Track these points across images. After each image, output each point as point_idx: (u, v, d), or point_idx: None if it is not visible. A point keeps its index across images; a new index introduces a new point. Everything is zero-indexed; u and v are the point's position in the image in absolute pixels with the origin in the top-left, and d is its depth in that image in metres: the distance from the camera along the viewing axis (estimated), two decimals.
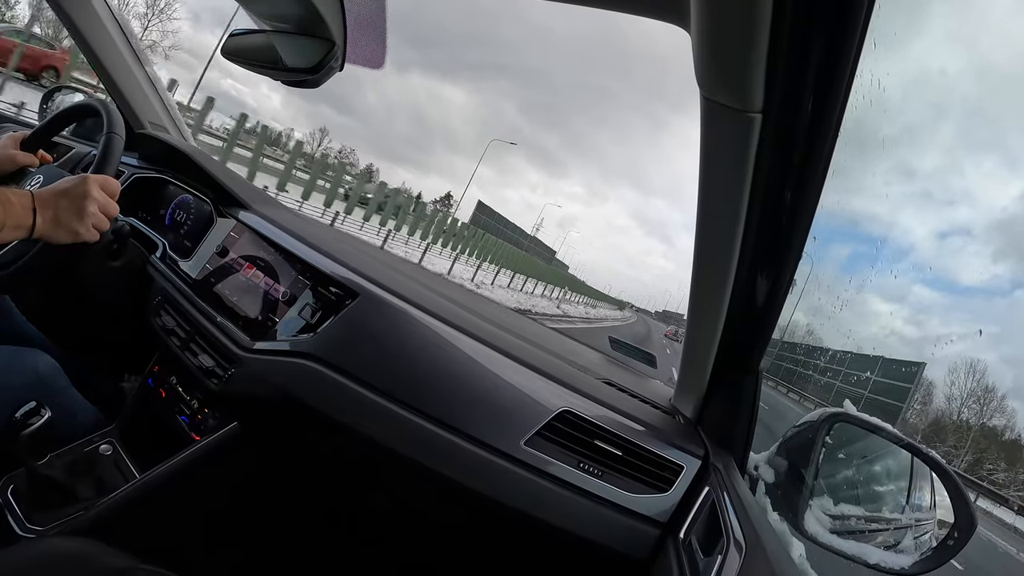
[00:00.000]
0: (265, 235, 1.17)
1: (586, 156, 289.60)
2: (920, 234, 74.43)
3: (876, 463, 0.98)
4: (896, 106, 15.31)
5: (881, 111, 0.62)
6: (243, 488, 1.08)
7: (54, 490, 1.02)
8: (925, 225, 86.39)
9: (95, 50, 1.41)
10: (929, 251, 67.59)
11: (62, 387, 1.13)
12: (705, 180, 0.62)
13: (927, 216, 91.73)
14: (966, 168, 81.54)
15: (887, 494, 1.00)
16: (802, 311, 0.78)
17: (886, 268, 28.68)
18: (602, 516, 0.89)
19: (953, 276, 55.84)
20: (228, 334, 1.05)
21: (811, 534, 0.84)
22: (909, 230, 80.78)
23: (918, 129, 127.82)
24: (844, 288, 6.58)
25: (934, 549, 0.84)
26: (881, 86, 0.56)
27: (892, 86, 0.58)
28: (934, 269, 57.50)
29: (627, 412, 0.97)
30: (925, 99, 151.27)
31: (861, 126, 0.55)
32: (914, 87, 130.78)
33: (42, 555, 0.70)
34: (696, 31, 0.45)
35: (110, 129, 1.11)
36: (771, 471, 0.94)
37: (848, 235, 29.61)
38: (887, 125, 2.60)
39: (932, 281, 57.82)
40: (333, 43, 0.78)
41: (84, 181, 0.95)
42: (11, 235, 0.88)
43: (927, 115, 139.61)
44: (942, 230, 73.49)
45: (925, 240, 72.60)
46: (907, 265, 61.23)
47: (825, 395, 31.43)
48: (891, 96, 0.61)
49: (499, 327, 1.12)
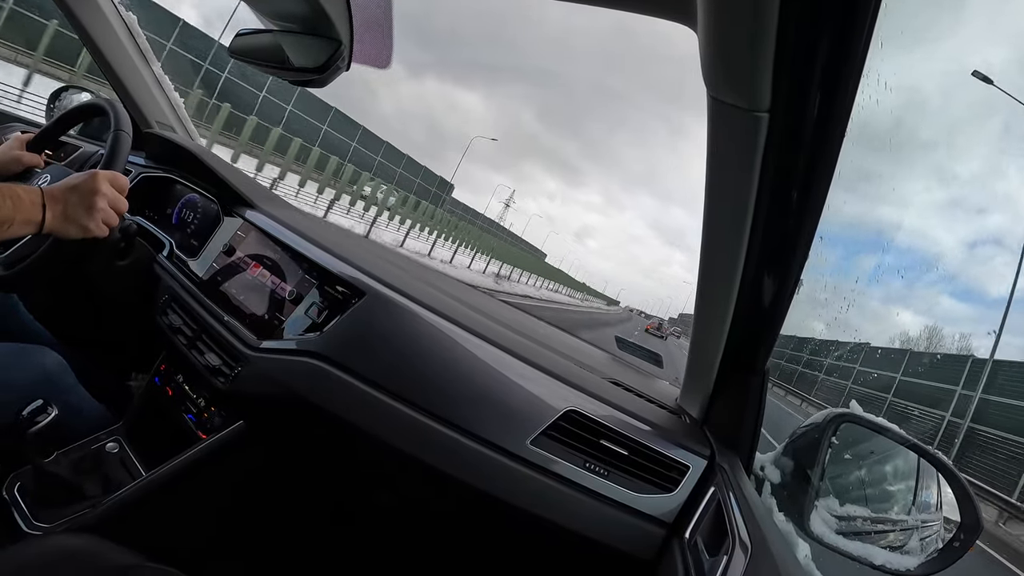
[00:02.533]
0: (272, 234, 1.17)
1: (604, 163, 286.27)
2: (944, 240, 72.74)
3: (882, 464, 0.98)
4: (900, 107, 14.95)
5: (888, 111, 0.61)
6: (249, 486, 1.08)
7: (60, 488, 1.02)
8: (948, 230, 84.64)
9: (102, 49, 1.42)
10: (956, 259, 65.69)
11: (69, 385, 1.14)
12: (712, 180, 0.61)
13: (948, 221, 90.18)
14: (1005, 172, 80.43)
15: (893, 495, 1.00)
16: (808, 311, 0.77)
17: (894, 270, 27.36)
18: (608, 516, 0.89)
19: (981, 286, 53.19)
20: (235, 333, 1.05)
21: (817, 535, 0.84)
22: (921, 233, 79.61)
23: (928, 130, 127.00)
24: (851, 288, 6.52)
25: (940, 550, 0.84)
26: (888, 86, 0.56)
27: (899, 87, 0.58)
28: (962, 278, 53.84)
29: (633, 412, 0.97)
30: (925, 100, 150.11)
31: (869, 126, 0.55)
32: (920, 89, 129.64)
33: (48, 552, 0.70)
34: (703, 30, 0.45)
35: (117, 127, 1.12)
36: (777, 471, 0.94)
37: (853, 236, 29.25)
38: (895, 125, 2.58)
39: (960, 292, 55.00)
40: (340, 43, 0.78)
41: (93, 177, 0.96)
42: (21, 230, 0.89)
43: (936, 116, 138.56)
44: (970, 238, 71.83)
45: (948, 247, 71.22)
46: (926, 271, 58.64)
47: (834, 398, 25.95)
48: (895, 97, 0.61)
49: (506, 326, 1.12)
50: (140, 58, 1.49)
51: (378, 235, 14.66)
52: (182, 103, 1.63)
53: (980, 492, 13.57)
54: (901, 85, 0.60)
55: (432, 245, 18.35)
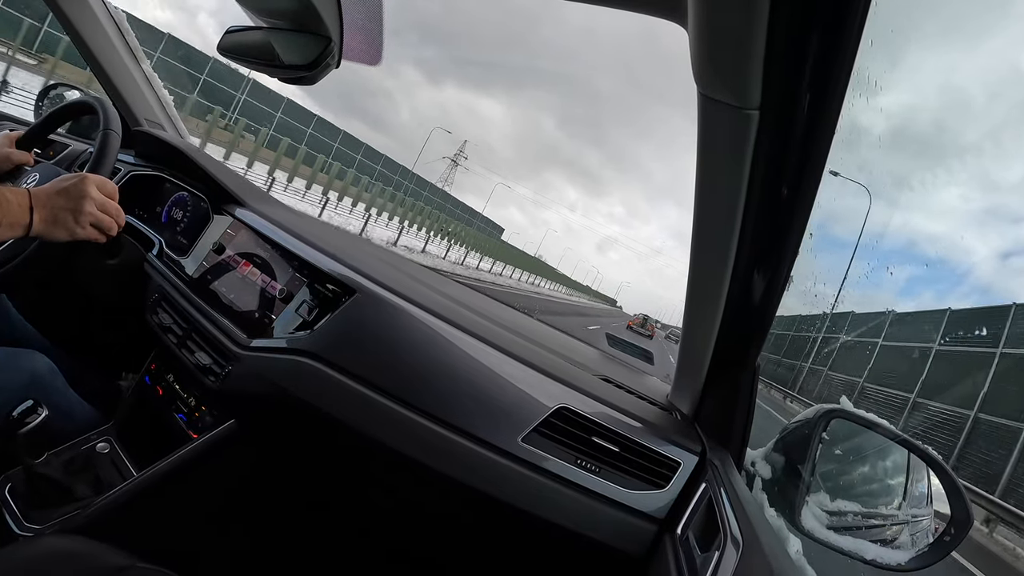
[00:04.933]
0: (262, 232, 1.17)
1: (627, 173, 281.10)
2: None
3: (872, 459, 0.99)
4: (888, 107, 14.87)
5: (877, 109, 0.62)
6: (240, 485, 1.08)
7: (51, 489, 1.02)
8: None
9: (91, 47, 1.40)
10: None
11: (59, 387, 1.13)
12: (702, 176, 0.62)
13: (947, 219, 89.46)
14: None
15: (883, 490, 1.00)
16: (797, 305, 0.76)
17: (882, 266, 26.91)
18: (599, 512, 0.89)
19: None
20: (225, 332, 1.04)
21: (807, 530, 0.85)
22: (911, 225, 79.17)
23: (918, 128, 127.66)
24: (838, 285, 6.53)
25: (930, 545, 0.85)
26: (878, 85, 0.56)
27: (887, 85, 0.58)
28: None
29: (624, 409, 0.97)
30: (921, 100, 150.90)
31: (858, 123, 0.55)
32: (910, 89, 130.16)
33: (39, 554, 0.70)
34: (693, 28, 0.45)
35: (106, 126, 1.11)
36: (768, 467, 0.94)
37: (842, 235, 29.02)
38: (884, 123, 2.59)
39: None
40: (330, 39, 0.78)
41: (82, 181, 0.95)
42: (7, 233, 0.88)
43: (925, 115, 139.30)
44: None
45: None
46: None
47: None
48: (885, 96, 0.61)
49: (497, 324, 1.12)
50: (129, 56, 1.48)
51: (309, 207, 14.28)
52: (171, 100, 1.62)
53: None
54: (891, 85, 0.60)
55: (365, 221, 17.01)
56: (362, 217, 16.57)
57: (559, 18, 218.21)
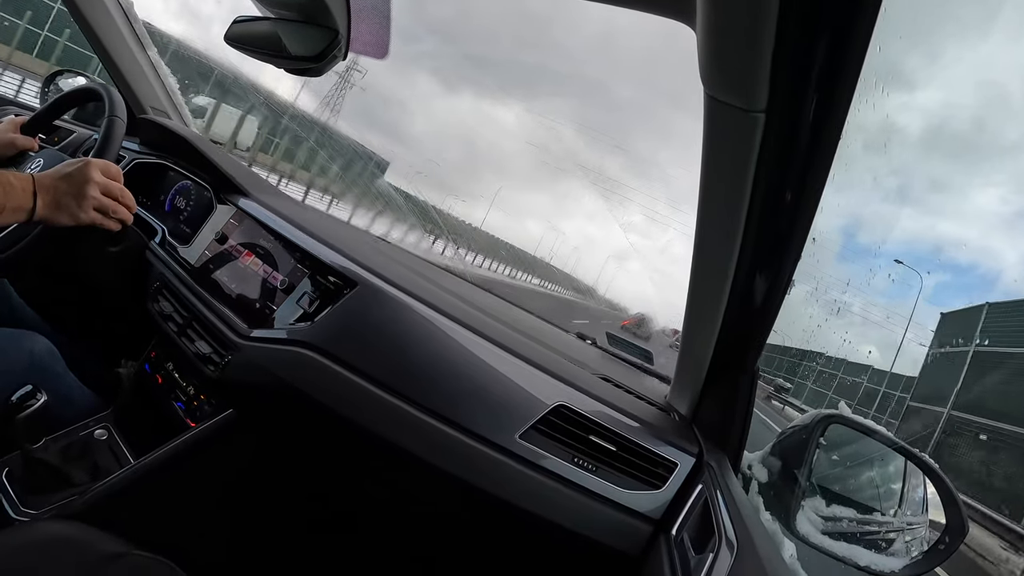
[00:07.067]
0: (264, 223, 1.17)
1: (648, 181, 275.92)
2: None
3: (869, 465, 0.99)
4: (895, 107, 14.44)
5: (884, 114, 0.61)
6: (238, 475, 1.08)
7: (49, 474, 1.02)
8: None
9: (98, 34, 1.40)
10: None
11: (58, 371, 1.13)
12: (706, 178, 0.61)
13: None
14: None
15: (879, 496, 1.00)
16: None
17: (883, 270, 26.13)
18: (595, 511, 0.89)
19: None
20: (226, 321, 1.05)
21: (802, 534, 0.85)
22: None
23: None
24: (842, 291, 6.52)
25: (924, 553, 0.85)
26: (885, 90, 0.56)
27: (895, 89, 0.58)
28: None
29: (622, 408, 0.97)
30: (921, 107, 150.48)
31: (865, 128, 0.55)
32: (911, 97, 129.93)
33: (36, 539, 0.70)
34: (701, 29, 0.45)
35: (112, 113, 1.11)
36: (764, 470, 0.94)
37: (848, 239, 28.63)
38: (891, 127, 2.59)
39: None
40: (337, 32, 0.78)
41: (86, 165, 0.96)
42: (11, 218, 0.88)
43: None
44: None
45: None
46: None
47: None
48: (892, 100, 0.61)
49: (497, 320, 1.12)
50: (136, 43, 1.48)
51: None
52: (177, 88, 1.62)
53: None
54: (898, 88, 0.60)
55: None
56: None
57: (552, 19, 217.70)
